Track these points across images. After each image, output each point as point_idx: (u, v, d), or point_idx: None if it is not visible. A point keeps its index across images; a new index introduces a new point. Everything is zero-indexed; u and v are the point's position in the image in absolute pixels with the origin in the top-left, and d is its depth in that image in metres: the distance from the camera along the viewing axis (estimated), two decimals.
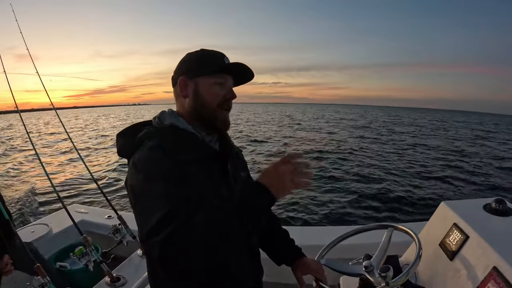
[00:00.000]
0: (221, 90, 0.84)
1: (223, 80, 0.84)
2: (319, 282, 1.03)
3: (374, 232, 1.17)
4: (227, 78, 0.85)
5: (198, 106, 0.84)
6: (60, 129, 19.06)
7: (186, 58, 0.87)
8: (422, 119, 40.21)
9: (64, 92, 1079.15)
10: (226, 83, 0.85)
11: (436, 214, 1.28)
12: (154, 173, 0.71)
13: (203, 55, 0.86)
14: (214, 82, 0.83)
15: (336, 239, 1.19)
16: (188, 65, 0.86)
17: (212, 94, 0.83)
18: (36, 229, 2.28)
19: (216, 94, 0.83)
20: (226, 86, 0.86)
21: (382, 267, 0.87)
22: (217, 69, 0.83)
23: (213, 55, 0.86)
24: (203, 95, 0.83)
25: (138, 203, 0.73)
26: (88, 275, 1.81)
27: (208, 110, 0.84)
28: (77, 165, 9.48)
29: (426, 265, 1.15)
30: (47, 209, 5.55)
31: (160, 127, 0.84)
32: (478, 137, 19.08)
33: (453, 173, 8.29)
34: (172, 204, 0.66)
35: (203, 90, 0.83)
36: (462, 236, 1.05)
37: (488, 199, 1.19)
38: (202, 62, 0.84)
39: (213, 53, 0.86)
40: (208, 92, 0.83)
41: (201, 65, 0.84)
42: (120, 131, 0.86)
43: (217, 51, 0.87)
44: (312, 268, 1.04)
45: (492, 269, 0.87)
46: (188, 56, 0.87)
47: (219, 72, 0.84)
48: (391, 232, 1.10)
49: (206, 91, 0.83)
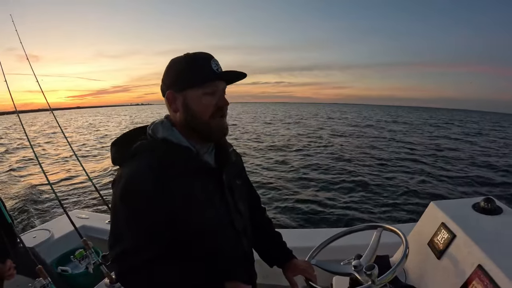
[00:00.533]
0: (211, 99, 0.79)
1: (212, 88, 0.79)
2: (309, 282, 1.05)
3: (366, 233, 1.19)
4: (217, 84, 0.80)
5: (190, 118, 0.80)
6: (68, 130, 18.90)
7: (171, 66, 0.82)
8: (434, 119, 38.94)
9: (68, 93, 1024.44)
10: (217, 89, 0.80)
11: (425, 214, 1.30)
12: (134, 203, 0.73)
13: (188, 64, 0.79)
14: (204, 93, 0.78)
15: (327, 240, 1.21)
16: (174, 77, 0.80)
17: (203, 106, 0.79)
18: (38, 235, 2.32)
19: (207, 106, 0.79)
20: (217, 93, 0.81)
21: (368, 266, 0.89)
22: (205, 79, 0.78)
23: (199, 63, 0.79)
24: (193, 108, 0.79)
25: (113, 217, 0.78)
26: (88, 279, 1.84)
27: (201, 122, 0.80)
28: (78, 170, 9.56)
29: (415, 264, 1.18)
30: (49, 215, 5.59)
31: (152, 141, 0.81)
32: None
33: (447, 172, 8.25)
34: (138, 243, 0.73)
35: (192, 103, 0.79)
36: (450, 235, 1.07)
37: (478, 198, 1.20)
38: (189, 72, 0.78)
39: (199, 59, 0.80)
40: (199, 105, 0.79)
41: (187, 76, 0.78)
42: (114, 140, 0.84)
43: (203, 54, 0.81)
44: (302, 268, 1.06)
45: (477, 267, 0.89)
46: (173, 65, 0.81)
47: (205, 82, 0.79)
48: (380, 232, 1.12)
49: (196, 104, 0.79)
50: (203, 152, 0.85)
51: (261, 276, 1.05)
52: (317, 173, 8.19)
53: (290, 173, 8.31)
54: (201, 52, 0.82)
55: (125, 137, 0.85)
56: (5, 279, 1.70)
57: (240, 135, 17.72)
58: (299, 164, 9.37)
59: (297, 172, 8.37)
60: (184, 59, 0.80)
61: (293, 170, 8.65)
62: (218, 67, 0.81)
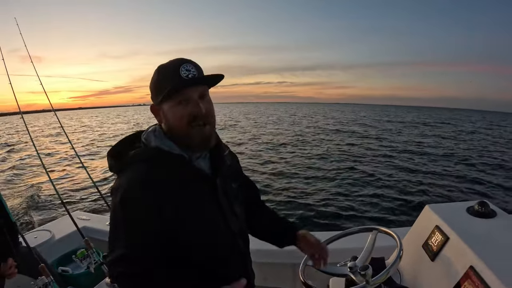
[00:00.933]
0: (184, 108, 0.79)
1: (184, 97, 0.79)
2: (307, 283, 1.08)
3: (362, 236, 1.21)
4: (188, 92, 0.79)
5: (171, 130, 0.83)
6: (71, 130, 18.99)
7: (151, 79, 0.84)
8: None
9: (70, 93, 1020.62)
10: (190, 97, 0.79)
11: (420, 217, 1.32)
12: (130, 212, 0.76)
13: (159, 76, 0.81)
14: (175, 104, 0.79)
15: (324, 242, 1.23)
16: (152, 91, 0.84)
17: (178, 116, 0.80)
18: (39, 235, 2.34)
19: (181, 116, 0.80)
20: (191, 101, 0.80)
21: (362, 266, 0.92)
22: (174, 90, 0.77)
23: (168, 73, 0.79)
24: (170, 120, 0.82)
25: (112, 224, 0.80)
26: (89, 279, 1.86)
27: (180, 133, 0.82)
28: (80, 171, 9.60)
29: (410, 266, 1.20)
30: (50, 215, 5.62)
31: (146, 150, 0.84)
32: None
33: (443, 175, 8.25)
34: (133, 250, 0.75)
35: (168, 115, 0.81)
36: (443, 237, 1.09)
37: (472, 202, 1.23)
38: (158, 88, 0.81)
39: (169, 69, 0.80)
40: (173, 116, 0.81)
41: (158, 90, 0.80)
42: (109, 150, 0.87)
43: (174, 62, 0.80)
44: (314, 243, 1.08)
45: (469, 268, 0.92)
46: (152, 78, 0.84)
47: (173, 93, 0.78)
48: (375, 234, 1.15)
49: (171, 115, 0.81)
50: (196, 158, 0.86)
51: (261, 278, 1.08)
52: (311, 176, 8.18)
53: (282, 177, 8.30)
54: (173, 60, 0.81)
55: (120, 146, 0.87)
56: (6, 277, 1.72)
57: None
58: (292, 167, 9.37)
59: (291, 176, 8.36)
60: (156, 71, 0.82)
61: (285, 173, 8.63)
62: (190, 73, 0.79)
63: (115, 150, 0.86)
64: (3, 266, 1.68)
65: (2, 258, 1.71)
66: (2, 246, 1.77)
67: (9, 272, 1.67)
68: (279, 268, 1.89)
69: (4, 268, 1.67)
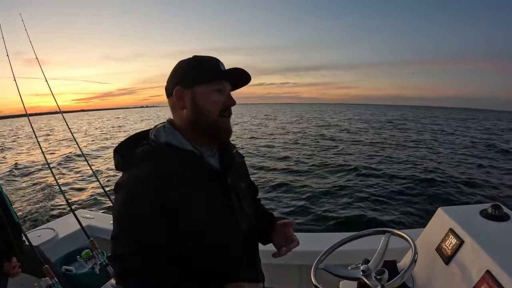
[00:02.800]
0: (220, 97, 0.81)
1: (221, 87, 0.81)
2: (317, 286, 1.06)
3: (373, 238, 1.19)
4: (225, 84, 0.82)
5: (198, 116, 0.80)
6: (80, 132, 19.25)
7: (179, 66, 0.83)
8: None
9: (73, 96, 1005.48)
10: (225, 89, 0.82)
11: (433, 220, 1.30)
12: (135, 211, 0.73)
13: (198, 62, 0.82)
14: (213, 90, 0.80)
15: (335, 244, 1.21)
16: (182, 74, 0.81)
17: (212, 102, 0.80)
18: (43, 234, 2.33)
19: (216, 102, 0.80)
20: (225, 93, 0.83)
21: (378, 270, 0.90)
22: (215, 75, 0.80)
23: (209, 61, 0.82)
24: (202, 104, 0.80)
25: (115, 221, 0.77)
26: (92, 279, 1.85)
27: (209, 119, 0.80)
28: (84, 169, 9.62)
29: (423, 270, 1.18)
30: (54, 214, 5.62)
31: (155, 146, 0.81)
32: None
33: (456, 177, 8.20)
34: (134, 249, 0.72)
35: (202, 99, 0.80)
36: (458, 241, 1.07)
37: (486, 205, 1.21)
38: (198, 69, 0.80)
39: (208, 59, 0.83)
40: (208, 101, 0.80)
41: (197, 72, 0.80)
42: (116, 147, 0.84)
43: (211, 56, 0.84)
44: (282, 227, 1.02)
45: (485, 272, 0.90)
46: (182, 64, 0.83)
47: (218, 78, 0.81)
48: (388, 237, 1.13)
49: (205, 100, 0.80)
50: (207, 155, 0.84)
51: (267, 279, 1.06)
52: (324, 177, 8.18)
53: (298, 176, 8.32)
54: (209, 56, 0.85)
55: (127, 143, 0.85)
56: (10, 277, 1.71)
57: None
58: (306, 167, 9.38)
59: (305, 175, 8.38)
60: (193, 58, 0.83)
61: (300, 173, 8.66)
62: (225, 69, 0.83)
63: (122, 147, 0.84)
64: (6, 266, 1.67)
65: (6, 257, 1.70)
66: (6, 245, 1.76)
67: (13, 272, 1.66)
68: (285, 269, 1.88)
69: (8, 268, 1.66)
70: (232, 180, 0.87)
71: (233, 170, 0.88)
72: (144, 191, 0.72)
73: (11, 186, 8.18)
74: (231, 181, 0.86)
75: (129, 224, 0.74)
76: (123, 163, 0.80)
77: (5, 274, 1.69)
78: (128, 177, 0.76)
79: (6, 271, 1.67)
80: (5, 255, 1.70)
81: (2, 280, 1.72)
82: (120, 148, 0.84)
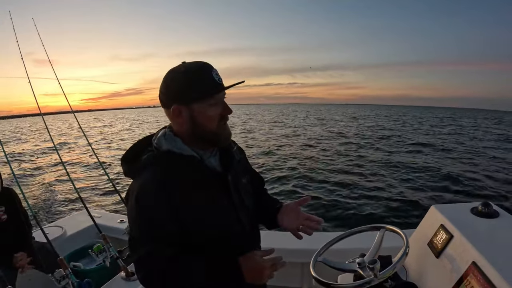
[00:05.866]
0: (217, 110, 0.83)
1: (216, 99, 0.83)
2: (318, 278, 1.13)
3: (369, 236, 1.26)
4: (220, 95, 0.84)
5: (197, 130, 0.84)
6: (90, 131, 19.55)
7: (172, 79, 0.83)
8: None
9: (82, 96, 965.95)
10: (221, 99, 0.84)
11: (426, 217, 1.37)
12: (145, 216, 0.80)
13: (190, 76, 0.81)
14: (209, 105, 0.82)
15: (333, 240, 1.29)
16: (177, 91, 0.82)
17: (209, 117, 0.83)
18: (51, 231, 2.39)
19: (213, 117, 0.83)
20: (221, 103, 0.85)
21: (370, 260, 0.97)
22: (210, 93, 0.81)
23: (201, 75, 0.81)
24: (201, 121, 0.83)
25: (130, 226, 0.85)
26: (100, 274, 1.92)
27: (209, 132, 0.84)
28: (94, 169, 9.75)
29: (416, 263, 1.25)
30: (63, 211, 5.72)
31: (157, 154, 0.85)
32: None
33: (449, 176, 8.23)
34: (151, 252, 0.79)
35: (200, 116, 0.82)
36: (447, 235, 1.14)
37: (476, 203, 1.27)
38: (192, 86, 0.80)
39: (200, 71, 0.81)
40: (206, 117, 0.82)
41: (193, 90, 0.80)
42: (123, 156, 0.89)
43: (202, 64, 0.82)
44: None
45: (472, 263, 0.97)
46: (174, 77, 0.82)
47: (210, 95, 0.81)
48: (383, 232, 1.20)
49: (203, 116, 0.82)
50: (207, 157, 0.89)
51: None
52: (319, 176, 8.24)
53: (291, 174, 8.38)
54: (199, 62, 0.83)
55: (132, 151, 0.90)
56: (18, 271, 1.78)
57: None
58: (298, 165, 9.44)
59: (298, 174, 8.43)
60: (184, 71, 0.81)
61: (293, 172, 8.70)
62: (219, 77, 0.83)
63: (129, 155, 0.89)
64: (15, 259, 1.74)
65: (15, 251, 1.77)
66: (16, 241, 1.84)
67: (20, 264, 1.73)
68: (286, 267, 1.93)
69: (16, 260, 1.73)
70: (233, 178, 0.92)
71: (233, 168, 0.93)
72: (148, 194, 0.79)
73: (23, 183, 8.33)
74: (231, 178, 0.91)
75: (140, 225, 0.82)
76: (130, 170, 0.87)
77: (15, 267, 1.75)
78: (136, 184, 0.83)
79: (15, 265, 1.74)
80: (15, 251, 1.78)
81: (11, 273, 1.79)
82: (127, 156, 0.90)
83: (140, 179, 0.83)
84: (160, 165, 0.83)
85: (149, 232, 0.80)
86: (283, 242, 1.80)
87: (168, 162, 0.83)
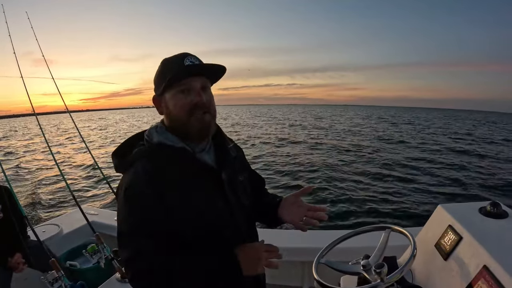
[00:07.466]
0: (185, 97, 0.80)
1: (185, 87, 0.80)
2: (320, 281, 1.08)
3: (373, 235, 1.21)
4: (190, 82, 0.80)
5: (171, 120, 0.83)
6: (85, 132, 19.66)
7: (155, 74, 0.86)
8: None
9: (81, 96, 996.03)
10: (192, 86, 0.80)
11: (433, 217, 1.32)
12: (134, 210, 0.76)
13: (162, 67, 0.83)
14: (176, 92, 0.80)
15: (336, 240, 1.24)
16: (155, 82, 0.85)
17: (178, 105, 0.81)
18: (47, 229, 2.36)
19: (181, 104, 0.80)
20: (193, 90, 0.81)
21: (377, 264, 0.93)
22: (176, 78, 0.79)
23: (172, 63, 0.81)
24: (171, 109, 0.82)
25: (118, 221, 0.80)
26: (97, 274, 1.88)
27: (179, 122, 0.82)
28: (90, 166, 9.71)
29: (422, 265, 1.20)
30: (59, 209, 5.68)
31: (148, 146, 0.84)
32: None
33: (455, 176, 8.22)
34: (140, 248, 0.74)
35: (170, 104, 0.82)
36: (456, 237, 1.09)
37: (485, 202, 1.23)
38: (160, 78, 0.81)
39: (173, 59, 0.82)
40: (174, 105, 0.81)
41: (160, 80, 0.81)
42: (114, 151, 0.87)
43: (179, 54, 0.82)
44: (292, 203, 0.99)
45: (483, 267, 0.92)
46: (155, 73, 0.85)
47: (175, 80, 0.79)
48: (388, 233, 1.15)
49: (172, 104, 0.81)
50: (199, 151, 0.86)
51: (269, 276, 1.08)
52: (324, 175, 8.20)
53: (298, 173, 8.37)
54: (178, 54, 0.83)
55: (124, 146, 0.88)
56: (14, 272, 1.74)
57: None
58: (304, 164, 9.43)
59: (304, 172, 8.43)
60: (161, 64, 0.84)
61: (299, 170, 8.70)
62: (194, 63, 0.80)
63: (119, 150, 0.87)
64: (10, 261, 1.70)
65: (10, 252, 1.73)
66: (12, 240, 1.79)
67: (17, 267, 1.69)
68: (287, 266, 1.90)
69: (12, 263, 1.69)
70: (228, 175, 0.88)
71: (228, 165, 0.90)
72: (141, 187, 0.76)
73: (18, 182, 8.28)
74: (226, 176, 0.87)
75: (128, 219, 0.77)
76: (121, 165, 0.84)
77: (10, 269, 1.72)
78: (125, 178, 0.80)
79: (10, 266, 1.71)
80: (10, 250, 1.74)
81: (6, 274, 1.75)
82: (117, 151, 0.87)
83: (129, 172, 0.80)
84: (149, 157, 0.80)
85: (138, 226, 0.75)
86: (283, 240, 1.76)
87: (159, 155, 0.81)
